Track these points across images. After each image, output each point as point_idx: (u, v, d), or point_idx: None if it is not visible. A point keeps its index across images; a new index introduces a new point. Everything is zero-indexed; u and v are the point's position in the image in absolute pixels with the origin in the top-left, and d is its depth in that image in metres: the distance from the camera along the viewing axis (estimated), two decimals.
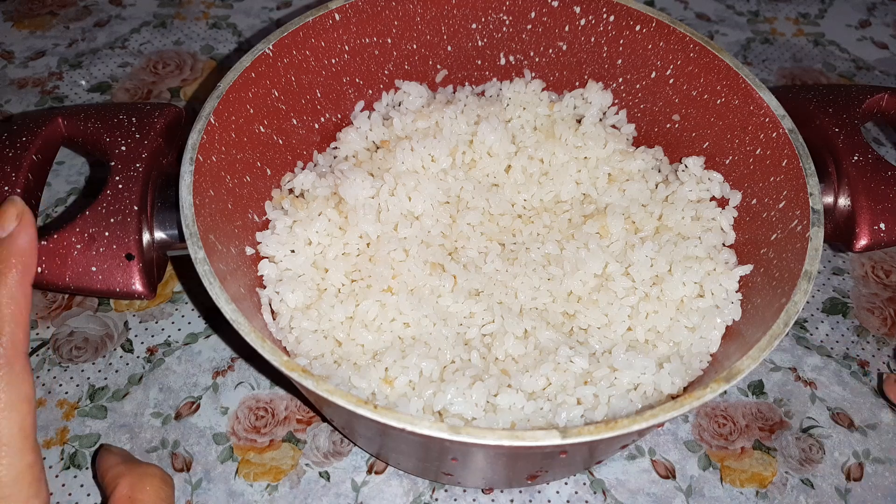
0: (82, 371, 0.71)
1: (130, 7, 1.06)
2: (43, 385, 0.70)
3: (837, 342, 0.77)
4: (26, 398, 0.46)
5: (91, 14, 1.04)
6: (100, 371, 0.71)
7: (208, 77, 0.97)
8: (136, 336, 0.74)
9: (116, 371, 0.71)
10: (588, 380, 0.58)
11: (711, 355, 0.61)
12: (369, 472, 0.67)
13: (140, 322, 0.75)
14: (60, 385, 0.70)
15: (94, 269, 0.54)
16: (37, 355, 0.72)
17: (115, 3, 1.06)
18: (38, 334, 0.73)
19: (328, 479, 0.66)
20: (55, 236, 0.56)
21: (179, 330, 0.75)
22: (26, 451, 0.46)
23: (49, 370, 0.71)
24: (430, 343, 0.60)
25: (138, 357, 0.72)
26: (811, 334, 0.77)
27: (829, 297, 0.80)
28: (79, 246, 0.55)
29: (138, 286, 0.55)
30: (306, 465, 0.67)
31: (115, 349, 0.73)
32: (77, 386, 0.70)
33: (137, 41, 1.01)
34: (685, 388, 0.58)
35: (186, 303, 0.76)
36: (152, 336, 0.74)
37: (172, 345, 0.74)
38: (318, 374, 0.56)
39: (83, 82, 0.95)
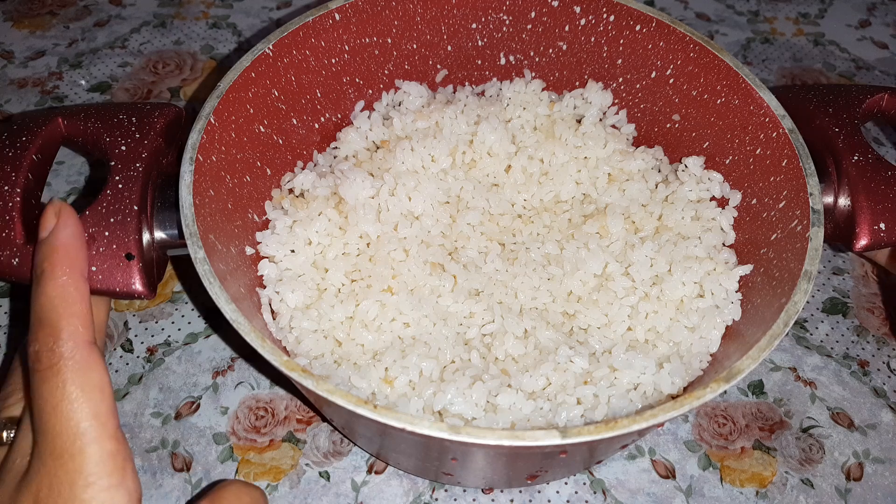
0: None
1: (130, 7, 1.06)
2: None
3: (837, 342, 0.77)
4: (97, 387, 0.46)
5: (91, 14, 1.05)
6: None
7: (208, 77, 0.97)
8: (136, 336, 0.74)
9: (116, 371, 0.71)
10: (588, 380, 0.58)
11: (711, 355, 0.60)
12: (369, 472, 0.67)
13: (140, 322, 0.75)
14: None
15: (93, 268, 0.54)
16: None
17: (115, 2, 1.06)
18: None
19: (328, 478, 0.66)
20: None
21: (179, 330, 0.75)
22: (104, 439, 0.45)
23: None
24: (430, 343, 0.60)
25: (138, 357, 0.72)
26: (811, 334, 0.77)
27: (829, 297, 0.80)
28: None
29: (138, 286, 0.55)
30: (306, 465, 0.67)
31: (115, 349, 0.73)
32: None
33: (137, 41, 1.01)
34: (685, 388, 0.58)
35: (186, 303, 0.76)
36: (152, 336, 0.74)
37: (172, 345, 0.74)
38: (318, 374, 0.56)
39: (83, 82, 0.95)
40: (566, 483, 0.66)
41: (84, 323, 0.47)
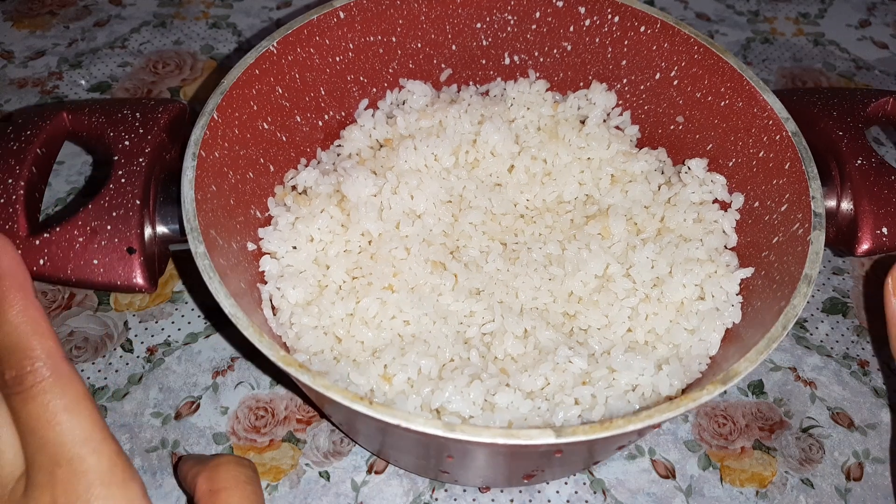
0: (82, 371, 0.71)
1: (130, 7, 1.06)
2: None
3: (837, 342, 0.76)
4: (84, 397, 0.46)
5: (91, 14, 1.05)
6: (100, 371, 0.71)
7: (208, 77, 0.97)
8: (135, 336, 0.74)
9: (116, 371, 0.72)
10: (586, 380, 0.58)
11: (711, 358, 0.60)
12: (369, 471, 0.67)
13: (140, 322, 0.75)
14: None
15: (95, 261, 0.54)
16: None
17: (115, 2, 1.06)
18: None
19: (328, 478, 0.66)
20: (58, 229, 0.56)
21: (179, 330, 0.75)
22: (108, 440, 0.46)
23: None
24: (429, 341, 0.60)
25: (138, 357, 0.73)
26: (811, 334, 0.77)
27: (829, 297, 0.80)
28: (81, 239, 0.55)
29: (139, 279, 0.55)
30: (306, 464, 0.67)
31: (114, 349, 0.73)
32: None
33: (137, 41, 1.01)
34: (683, 391, 0.58)
35: (186, 302, 0.76)
36: (152, 336, 0.74)
37: (172, 345, 0.74)
38: (317, 370, 0.56)
39: (83, 82, 0.96)
40: (566, 483, 0.66)
41: (55, 340, 0.47)
